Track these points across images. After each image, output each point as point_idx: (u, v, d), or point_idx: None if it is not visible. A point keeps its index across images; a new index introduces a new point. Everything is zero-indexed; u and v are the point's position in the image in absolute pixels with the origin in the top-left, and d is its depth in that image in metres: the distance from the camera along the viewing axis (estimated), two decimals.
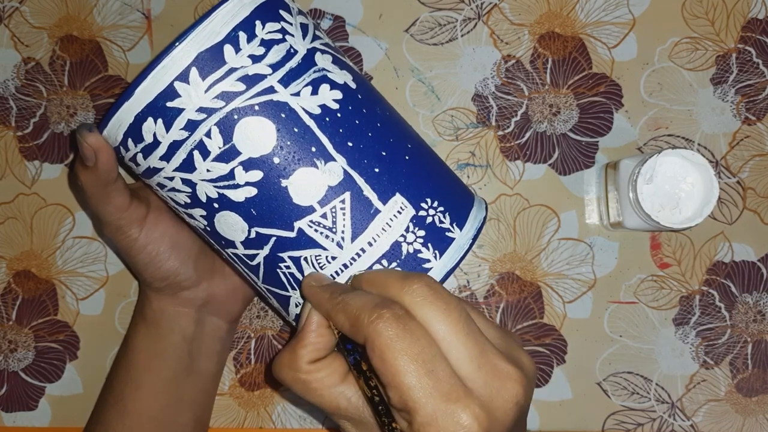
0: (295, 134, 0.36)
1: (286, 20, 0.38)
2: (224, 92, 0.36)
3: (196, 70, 0.35)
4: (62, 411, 0.56)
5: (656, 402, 0.54)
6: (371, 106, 0.39)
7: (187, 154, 0.37)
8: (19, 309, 0.56)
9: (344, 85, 0.38)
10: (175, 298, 0.47)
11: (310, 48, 0.38)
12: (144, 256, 0.45)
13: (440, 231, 0.38)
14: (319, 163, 0.37)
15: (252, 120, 0.36)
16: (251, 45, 0.36)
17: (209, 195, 0.38)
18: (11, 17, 0.57)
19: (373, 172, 0.37)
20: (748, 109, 0.54)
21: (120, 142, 0.38)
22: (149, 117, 0.36)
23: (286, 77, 0.37)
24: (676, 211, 0.47)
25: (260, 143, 0.36)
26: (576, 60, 0.55)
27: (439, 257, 0.38)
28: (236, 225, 0.38)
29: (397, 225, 0.37)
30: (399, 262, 0.37)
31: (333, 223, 0.37)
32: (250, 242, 0.38)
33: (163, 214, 0.46)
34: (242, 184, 0.37)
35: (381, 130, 0.39)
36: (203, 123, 0.36)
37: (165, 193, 0.40)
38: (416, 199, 0.38)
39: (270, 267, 0.39)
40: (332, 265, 0.38)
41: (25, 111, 0.57)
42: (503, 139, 0.55)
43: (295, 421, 0.55)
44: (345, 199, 0.37)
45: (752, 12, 0.55)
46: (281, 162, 0.36)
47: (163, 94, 0.36)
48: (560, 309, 0.54)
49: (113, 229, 0.44)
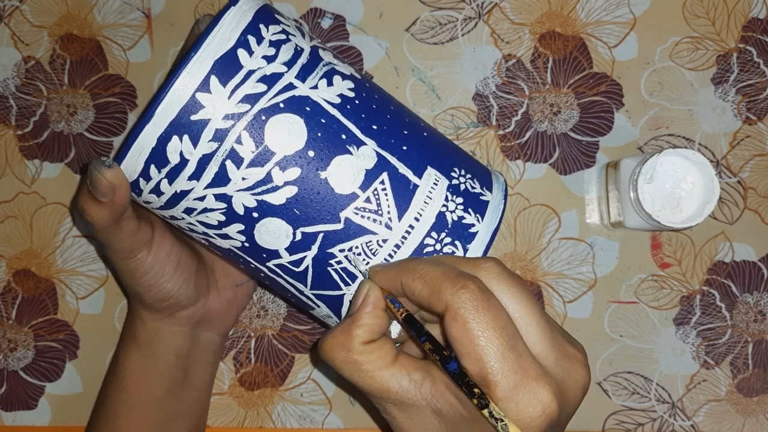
0: (323, 125, 0.37)
1: (284, 23, 0.39)
2: (247, 95, 0.35)
3: (215, 78, 0.35)
4: (62, 410, 0.56)
5: (657, 402, 0.54)
6: (380, 93, 0.41)
7: (219, 167, 0.36)
8: (19, 308, 0.56)
9: (352, 75, 0.39)
10: (172, 318, 0.46)
11: (312, 45, 0.39)
12: (149, 277, 0.43)
13: (475, 196, 0.40)
14: (352, 149, 0.37)
15: (280, 118, 0.36)
16: (262, 47, 0.36)
17: (247, 205, 0.37)
18: (11, 16, 0.57)
19: (402, 150, 0.38)
20: (748, 109, 0.54)
21: (140, 172, 0.37)
22: (174, 136, 0.35)
23: (301, 73, 0.37)
24: (676, 211, 0.47)
25: (292, 139, 0.36)
26: (577, 59, 0.55)
27: (482, 220, 0.39)
28: (279, 231, 0.37)
29: (436, 196, 0.38)
30: (447, 231, 0.38)
31: (378, 205, 0.37)
32: (296, 246, 0.38)
33: (166, 233, 0.44)
34: (281, 185, 0.36)
35: (396, 112, 0.40)
36: (232, 130, 0.35)
37: (193, 219, 0.38)
38: (446, 169, 0.39)
39: (319, 268, 0.38)
40: (384, 248, 0.38)
41: (25, 110, 0.57)
42: (504, 139, 0.55)
43: (295, 420, 0.55)
44: (384, 179, 0.37)
45: (753, 12, 0.55)
46: (316, 154, 0.36)
47: (186, 108, 0.35)
48: (561, 309, 0.54)
49: (124, 254, 0.42)
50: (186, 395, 0.49)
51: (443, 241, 0.38)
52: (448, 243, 0.38)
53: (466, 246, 0.38)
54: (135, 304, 0.47)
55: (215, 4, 0.56)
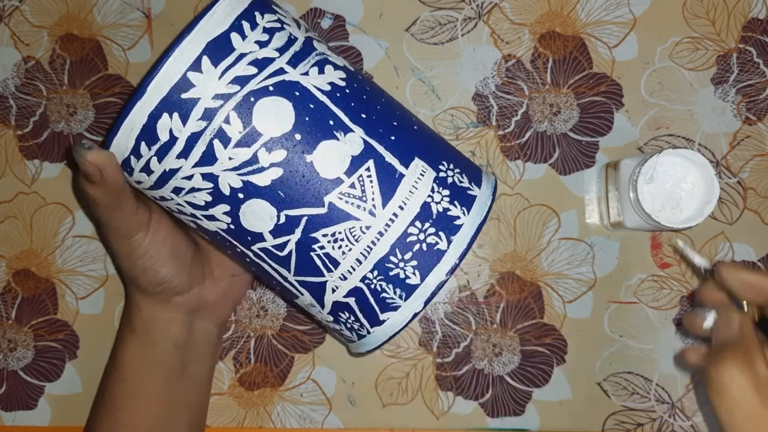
0: (311, 110, 0.37)
1: (280, 13, 0.40)
2: (238, 77, 0.36)
3: (207, 58, 0.36)
4: (62, 410, 0.56)
5: (656, 402, 0.54)
6: (372, 85, 0.41)
7: (206, 146, 0.37)
8: (19, 308, 0.56)
9: (344, 67, 0.40)
10: (168, 304, 0.47)
11: (307, 36, 0.40)
12: (145, 260, 0.44)
13: (462, 190, 0.40)
14: (339, 135, 0.37)
15: (269, 100, 0.37)
16: (255, 32, 0.37)
17: (233, 185, 0.37)
18: (11, 16, 0.57)
19: (390, 139, 0.39)
20: (748, 109, 0.54)
21: (131, 149, 0.37)
22: (164, 113, 0.36)
23: (293, 59, 0.38)
24: (676, 211, 0.47)
25: (280, 122, 0.37)
26: (576, 59, 0.55)
27: (467, 213, 0.39)
28: (264, 213, 0.38)
29: (422, 186, 0.39)
30: (431, 222, 0.38)
31: (362, 191, 0.38)
32: (280, 229, 0.38)
33: (164, 218, 0.45)
34: (267, 167, 0.37)
35: (387, 104, 0.41)
36: (221, 109, 0.36)
37: (181, 199, 0.39)
38: (434, 162, 0.40)
39: (302, 252, 0.39)
40: (367, 235, 0.38)
41: (25, 110, 0.57)
42: (503, 139, 0.55)
43: (295, 420, 0.55)
44: (369, 166, 0.38)
45: (753, 12, 0.55)
46: (303, 138, 0.37)
47: (177, 86, 0.36)
48: (560, 309, 0.54)
49: (123, 234, 0.43)
50: (184, 387, 0.49)
51: (427, 231, 0.38)
52: (432, 233, 0.38)
53: (450, 237, 0.39)
54: (132, 290, 0.47)
55: None
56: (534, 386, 0.54)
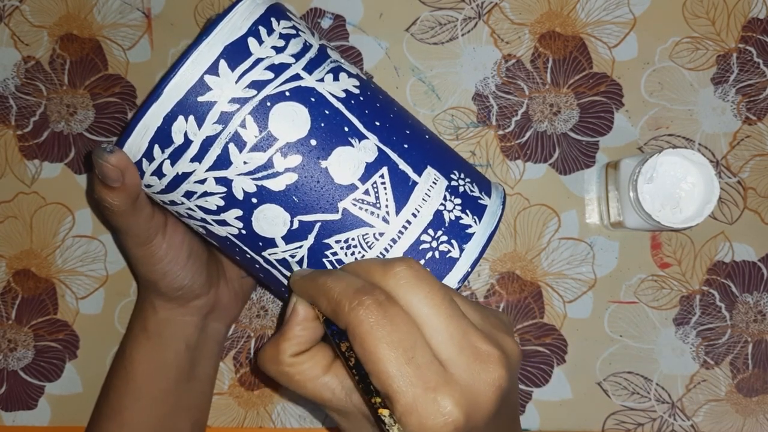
0: (326, 116, 0.37)
1: (295, 21, 0.40)
2: (255, 81, 0.36)
3: (224, 62, 0.36)
4: (62, 410, 0.56)
5: (656, 402, 0.54)
6: (384, 95, 0.41)
7: (221, 149, 0.36)
8: (19, 308, 0.56)
9: (357, 75, 0.40)
10: (185, 308, 0.47)
11: (321, 44, 0.40)
12: (164, 264, 0.44)
13: (473, 199, 0.40)
14: (353, 142, 0.37)
15: (285, 105, 0.37)
16: (272, 38, 0.37)
17: (247, 190, 0.37)
18: (11, 16, 0.57)
19: (403, 147, 0.39)
20: (748, 109, 0.54)
21: (144, 152, 0.37)
22: (179, 116, 0.36)
23: (308, 65, 0.38)
24: (676, 211, 0.47)
25: (296, 127, 0.37)
26: (576, 59, 0.55)
27: (479, 222, 0.39)
28: (277, 218, 0.38)
29: (435, 194, 0.39)
30: (444, 230, 0.38)
31: (376, 198, 0.38)
32: (293, 234, 0.38)
33: (179, 222, 0.45)
34: (282, 171, 0.37)
35: (399, 113, 0.41)
36: (237, 113, 0.36)
37: (192, 203, 0.38)
38: (446, 171, 0.40)
39: (315, 259, 0.39)
40: (380, 242, 0.38)
41: (25, 110, 0.57)
42: (503, 139, 0.55)
43: (295, 420, 0.55)
44: (383, 173, 0.38)
45: (753, 12, 0.55)
46: (318, 143, 0.37)
47: (194, 89, 0.36)
48: (560, 309, 0.54)
49: (141, 240, 0.43)
50: (191, 387, 0.49)
51: (440, 239, 0.38)
52: (444, 241, 0.38)
53: (462, 246, 0.39)
54: (148, 293, 0.47)
55: (215, 5, 0.56)
56: (534, 386, 0.54)
